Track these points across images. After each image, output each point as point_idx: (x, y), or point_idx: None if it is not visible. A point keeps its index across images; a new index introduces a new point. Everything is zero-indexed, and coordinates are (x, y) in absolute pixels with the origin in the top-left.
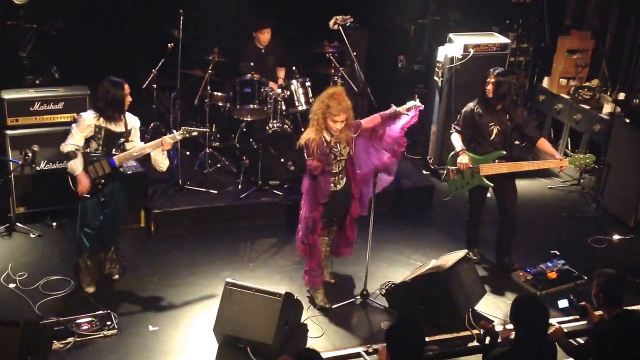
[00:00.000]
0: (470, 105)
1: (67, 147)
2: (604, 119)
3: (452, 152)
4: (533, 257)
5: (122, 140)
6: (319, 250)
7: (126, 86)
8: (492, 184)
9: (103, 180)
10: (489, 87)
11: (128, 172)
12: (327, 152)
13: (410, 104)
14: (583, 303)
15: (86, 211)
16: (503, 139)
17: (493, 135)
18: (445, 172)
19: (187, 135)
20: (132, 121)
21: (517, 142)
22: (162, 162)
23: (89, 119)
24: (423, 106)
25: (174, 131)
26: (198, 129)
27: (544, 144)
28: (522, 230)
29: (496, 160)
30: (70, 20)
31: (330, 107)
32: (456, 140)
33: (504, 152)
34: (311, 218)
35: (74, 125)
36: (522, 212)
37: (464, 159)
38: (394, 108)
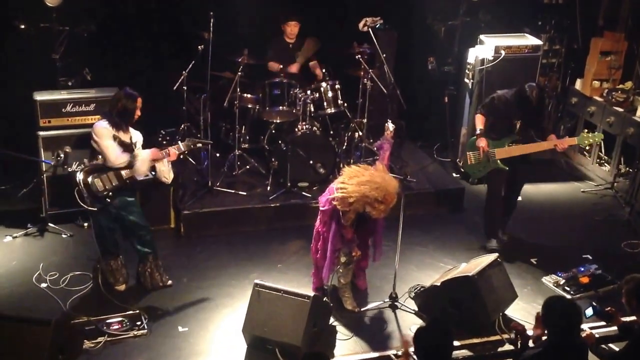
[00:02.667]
0: (502, 96)
1: (121, 159)
2: (638, 122)
3: (472, 137)
4: (565, 261)
5: (130, 151)
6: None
7: (139, 100)
8: (507, 167)
9: (111, 193)
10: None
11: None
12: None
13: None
14: (609, 309)
15: (98, 223)
16: (525, 132)
17: (517, 130)
18: (463, 158)
19: (192, 146)
20: (135, 136)
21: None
22: (167, 173)
23: (106, 127)
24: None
25: (180, 142)
26: (203, 141)
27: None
28: (554, 234)
29: (509, 144)
30: (102, 23)
31: (380, 209)
32: (478, 122)
33: (517, 137)
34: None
35: (100, 140)
36: (555, 215)
37: (482, 142)
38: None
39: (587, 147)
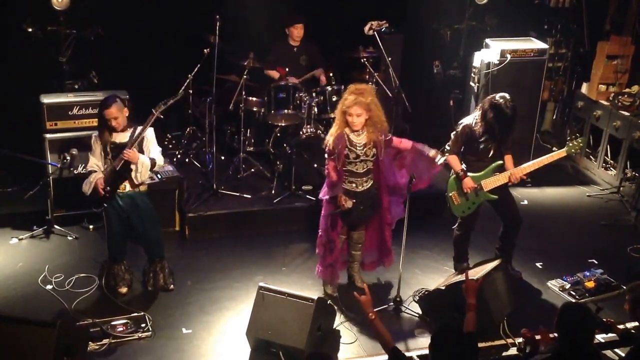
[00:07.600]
0: (469, 124)
1: (87, 169)
2: None
3: (450, 178)
4: (571, 265)
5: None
6: (337, 247)
7: (106, 112)
8: (496, 196)
9: (108, 188)
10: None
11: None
12: (342, 146)
13: (432, 151)
14: (606, 320)
15: (108, 221)
16: (498, 154)
17: (490, 154)
18: (447, 200)
19: (161, 107)
20: (141, 130)
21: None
22: (136, 172)
23: (95, 136)
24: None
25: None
26: (173, 98)
27: (509, 161)
28: (560, 238)
29: (496, 173)
30: (109, 26)
31: (347, 99)
32: (455, 162)
33: (501, 162)
34: (330, 216)
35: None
36: (561, 219)
37: (469, 183)
38: (426, 147)
39: (575, 155)
